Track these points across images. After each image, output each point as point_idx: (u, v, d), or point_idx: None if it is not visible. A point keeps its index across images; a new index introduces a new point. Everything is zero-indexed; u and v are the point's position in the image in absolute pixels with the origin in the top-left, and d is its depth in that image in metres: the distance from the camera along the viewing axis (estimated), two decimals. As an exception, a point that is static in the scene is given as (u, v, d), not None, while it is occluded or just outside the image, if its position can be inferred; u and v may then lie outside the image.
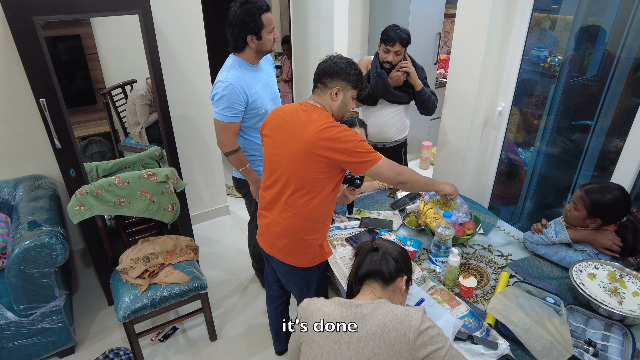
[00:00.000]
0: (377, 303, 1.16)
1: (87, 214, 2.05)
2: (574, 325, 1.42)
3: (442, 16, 3.94)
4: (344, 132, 1.47)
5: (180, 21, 2.70)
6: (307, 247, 1.63)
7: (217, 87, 1.90)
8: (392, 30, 2.32)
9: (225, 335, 2.37)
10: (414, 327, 1.08)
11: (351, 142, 1.46)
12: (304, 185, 1.52)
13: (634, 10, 1.93)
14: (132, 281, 2.03)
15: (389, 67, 2.39)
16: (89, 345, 2.30)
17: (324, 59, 1.59)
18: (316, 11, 3.42)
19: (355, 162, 1.49)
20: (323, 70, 1.56)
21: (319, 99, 1.58)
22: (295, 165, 1.51)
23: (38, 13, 1.90)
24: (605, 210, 1.58)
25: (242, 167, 2.10)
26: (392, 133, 2.57)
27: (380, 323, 1.11)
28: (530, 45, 2.24)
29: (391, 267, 1.25)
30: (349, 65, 1.55)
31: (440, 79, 4.32)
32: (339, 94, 1.56)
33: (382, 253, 1.27)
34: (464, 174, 2.50)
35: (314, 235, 1.62)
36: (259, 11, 1.85)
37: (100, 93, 2.57)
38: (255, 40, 1.90)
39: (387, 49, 2.35)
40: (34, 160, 2.52)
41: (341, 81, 1.55)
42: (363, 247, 1.32)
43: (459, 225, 1.83)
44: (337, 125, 1.49)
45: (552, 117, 2.35)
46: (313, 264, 1.68)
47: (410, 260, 1.33)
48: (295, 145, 1.50)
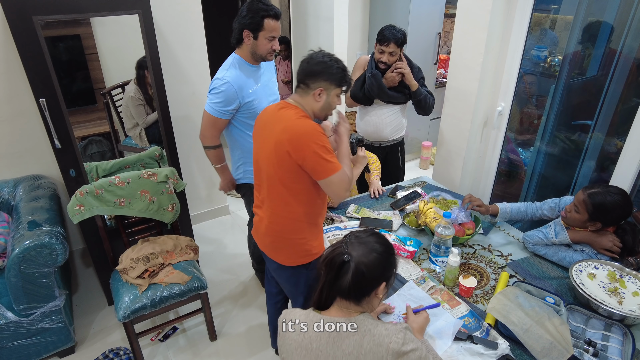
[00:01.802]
0: (354, 319, 1.09)
1: (87, 213, 2.05)
2: (573, 325, 1.42)
3: (442, 16, 3.94)
4: (309, 133, 1.42)
5: (180, 21, 2.70)
6: (292, 246, 1.63)
7: (215, 82, 1.92)
8: (388, 30, 2.31)
9: (225, 335, 2.37)
10: (392, 350, 1.02)
11: (313, 145, 1.41)
12: (282, 184, 1.52)
13: (633, 9, 1.93)
14: (132, 281, 2.03)
15: (384, 67, 2.39)
16: (89, 345, 2.30)
17: (306, 56, 1.52)
18: (316, 11, 3.42)
19: (313, 166, 1.44)
20: (305, 70, 1.50)
21: (300, 99, 1.54)
22: (270, 165, 1.52)
23: (38, 13, 1.90)
24: (606, 214, 1.58)
25: (218, 163, 2.15)
26: (387, 132, 2.56)
27: (356, 344, 1.05)
28: (530, 45, 2.24)
29: (365, 283, 1.10)
30: (332, 63, 1.49)
31: (440, 79, 4.32)
32: (322, 94, 1.50)
33: (355, 268, 1.09)
34: (464, 174, 2.50)
35: (299, 235, 1.60)
36: (262, 12, 1.84)
37: (100, 93, 2.57)
38: (250, 38, 1.90)
39: (382, 49, 2.34)
40: (34, 160, 2.52)
41: (323, 81, 1.49)
42: (333, 259, 1.13)
43: (458, 225, 1.83)
44: (303, 124, 1.44)
45: (552, 117, 2.35)
46: (299, 263, 1.66)
47: (392, 258, 1.17)
48: (269, 145, 1.51)
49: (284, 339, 1.17)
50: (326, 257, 1.16)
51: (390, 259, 1.17)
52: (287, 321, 1.17)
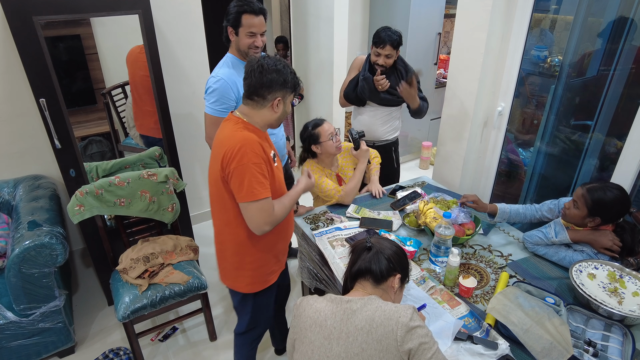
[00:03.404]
0: (367, 299, 1.17)
1: (87, 214, 2.05)
2: (573, 326, 1.42)
3: (442, 16, 3.94)
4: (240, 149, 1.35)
5: (180, 21, 2.70)
6: (234, 270, 1.60)
7: (209, 82, 1.95)
8: (384, 32, 2.28)
9: (225, 335, 2.37)
10: (402, 324, 1.09)
11: (240, 162, 1.35)
12: (220, 203, 1.50)
13: (634, 9, 1.93)
14: (132, 281, 2.03)
15: (380, 68, 2.36)
16: (89, 345, 2.30)
17: (254, 66, 1.39)
18: (316, 11, 3.42)
19: (234, 186, 1.39)
20: (259, 82, 1.39)
21: (251, 111, 1.45)
22: (211, 181, 1.51)
23: (38, 13, 1.90)
24: (606, 209, 1.59)
25: None
26: (380, 132, 2.55)
27: (368, 318, 1.12)
28: (530, 45, 2.24)
29: (383, 266, 1.24)
30: (285, 69, 1.41)
31: (440, 79, 4.32)
32: (280, 104, 1.44)
33: (375, 252, 1.26)
34: (464, 174, 2.50)
35: (243, 259, 1.56)
36: (240, 8, 1.87)
37: (100, 93, 2.57)
38: (233, 35, 1.95)
39: (378, 52, 2.31)
40: (34, 160, 2.52)
41: (280, 90, 1.42)
42: (358, 246, 1.32)
43: (458, 226, 1.83)
44: (238, 139, 1.38)
45: (552, 117, 2.35)
46: (245, 290, 1.63)
47: (406, 259, 1.32)
48: (211, 161, 1.50)
49: (299, 319, 1.23)
50: (352, 245, 1.35)
51: (405, 257, 1.32)
52: (305, 303, 1.24)
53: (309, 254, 2.02)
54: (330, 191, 2.12)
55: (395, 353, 1.08)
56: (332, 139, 2.11)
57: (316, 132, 2.10)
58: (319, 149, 2.13)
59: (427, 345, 1.09)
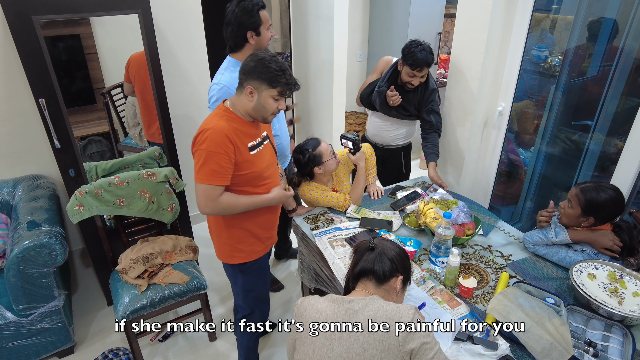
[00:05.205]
0: (369, 299, 1.17)
1: (86, 213, 2.04)
2: (574, 326, 1.41)
3: (442, 16, 3.94)
4: (204, 132, 1.45)
5: (180, 21, 2.70)
6: (217, 242, 1.73)
7: (212, 90, 1.91)
8: (420, 52, 2.12)
9: (225, 336, 2.37)
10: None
11: (201, 145, 1.45)
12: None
13: (634, 9, 1.93)
14: (132, 281, 2.02)
15: (411, 87, 2.28)
16: (88, 346, 2.29)
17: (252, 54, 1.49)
18: (316, 11, 3.42)
19: (194, 165, 1.50)
20: (242, 67, 1.47)
21: (235, 99, 1.54)
22: None
23: (38, 13, 1.90)
24: (599, 209, 1.59)
25: None
26: (389, 138, 2.55)
27: (370, 318, 1.12)
28: (530, 45, 2.23)
29: (385, 266, 1.24)
30: (270, 63, 1.43)
31: (440, 79, 4.31)
32: (254, 93, 1.47)
33: (378, 252, 1.27)
34: (464, 174, 2.50)
35: (222, 234, 1.68)
36: (256, 7, 1.86)
37: (100, 93, 2.57)
38: (254, 37, 1.91)
39: (414, 74, 2.20)
40: (33, 160, 2.52)
41: (254, 80, 1.45)
42: (361, 246, 1.33)
43: (459, 226, 1.83)
44: (207, 123, 1.49)
45: (552, 117, 2.35)
46: (226, 260, 1.75)
47: (409, 261, 1.33)
48: None
49: (300, 319, 1.23)
50: (355, 246, 1.36)
51: (408, 260, 1.32)
52: (306, 303, 1.24)
53: (308, 254, 2.02)
54: (339, 201, 2.09)
55: (396, 353, 1.08)
56: (334, 156, 2.07)
57: (318, 153, 2.02)
58: (322, 169, 2.06)
59: (429, 346, 1.09)
